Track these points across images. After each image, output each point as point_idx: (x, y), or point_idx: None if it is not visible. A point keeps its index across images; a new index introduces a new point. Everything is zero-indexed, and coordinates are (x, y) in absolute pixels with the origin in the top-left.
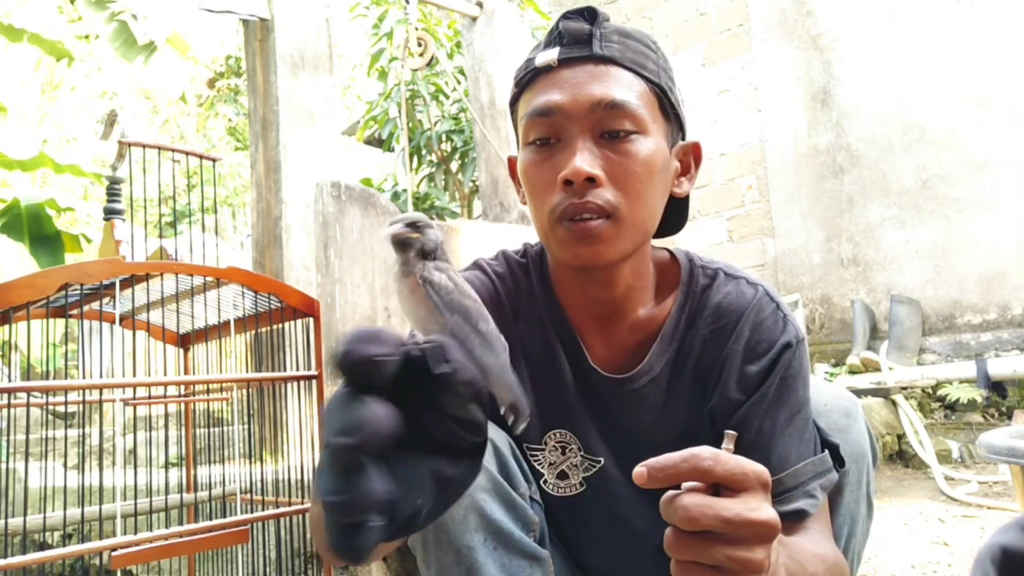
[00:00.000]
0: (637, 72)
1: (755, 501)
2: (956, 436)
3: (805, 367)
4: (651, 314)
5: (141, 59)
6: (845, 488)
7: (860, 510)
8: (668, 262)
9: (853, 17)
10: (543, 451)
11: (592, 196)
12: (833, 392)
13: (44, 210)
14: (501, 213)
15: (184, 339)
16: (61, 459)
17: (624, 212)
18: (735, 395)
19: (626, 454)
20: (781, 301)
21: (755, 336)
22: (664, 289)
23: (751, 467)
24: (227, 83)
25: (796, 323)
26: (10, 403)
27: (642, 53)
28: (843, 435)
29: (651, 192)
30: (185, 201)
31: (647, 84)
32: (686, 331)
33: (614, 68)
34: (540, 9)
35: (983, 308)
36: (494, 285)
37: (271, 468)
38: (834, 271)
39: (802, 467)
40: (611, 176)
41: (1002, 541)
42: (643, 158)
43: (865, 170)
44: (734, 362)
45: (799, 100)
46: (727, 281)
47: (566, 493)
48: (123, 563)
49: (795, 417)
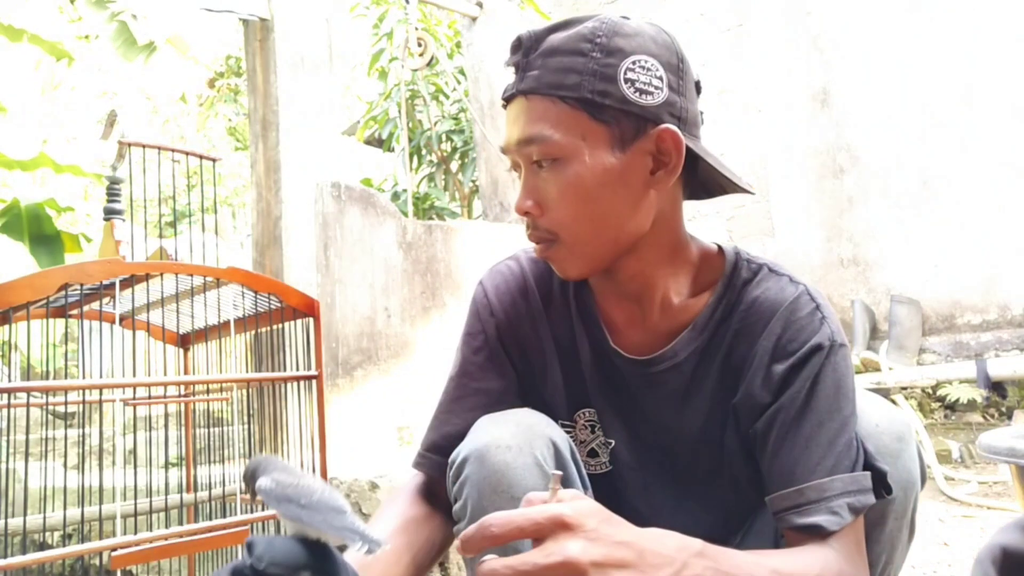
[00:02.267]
0: (552, 95)
1: (552, 546)
2: (956, 436)
3: (842, 375)
4: (687, 303)
5: (141, 59)
6: (889, 516)
7: (902, 537)
8: (714, 255)
9: (853, 17)
10: (574, 428)
11: (535, 226)
12: (887, 414)
13: (44, 210)
14: (501, 213)
15: (184, 339)
16: (61, 459)
17: (564, 235)
18: (760, 394)
19: (641, 438)
20: (824, 303)
21: (787, 334)
22: (705, 280)
23: (542, 515)
24: (227, 83)
25: (837, 327)
26: (10, 403)
27: (564, 68)
28: (893, 460)
29: (592, 208)
30: (185, 201)
31: (564, 104)
32: (720, 323)
33: (532, 100)
34: (540, 9)
35: (983, 308)
36: (523, 273)
37: None
38: (834, 271)
39: (828, 481)
40: (545, 204)
41: (1002, 541)
42: (567, 182)
43: (865, 170)
44: (762, 359)
45: (799, 100)
46: (769, 276)
47: (596, 471)
48: (123, 563)
49: (824, 426)
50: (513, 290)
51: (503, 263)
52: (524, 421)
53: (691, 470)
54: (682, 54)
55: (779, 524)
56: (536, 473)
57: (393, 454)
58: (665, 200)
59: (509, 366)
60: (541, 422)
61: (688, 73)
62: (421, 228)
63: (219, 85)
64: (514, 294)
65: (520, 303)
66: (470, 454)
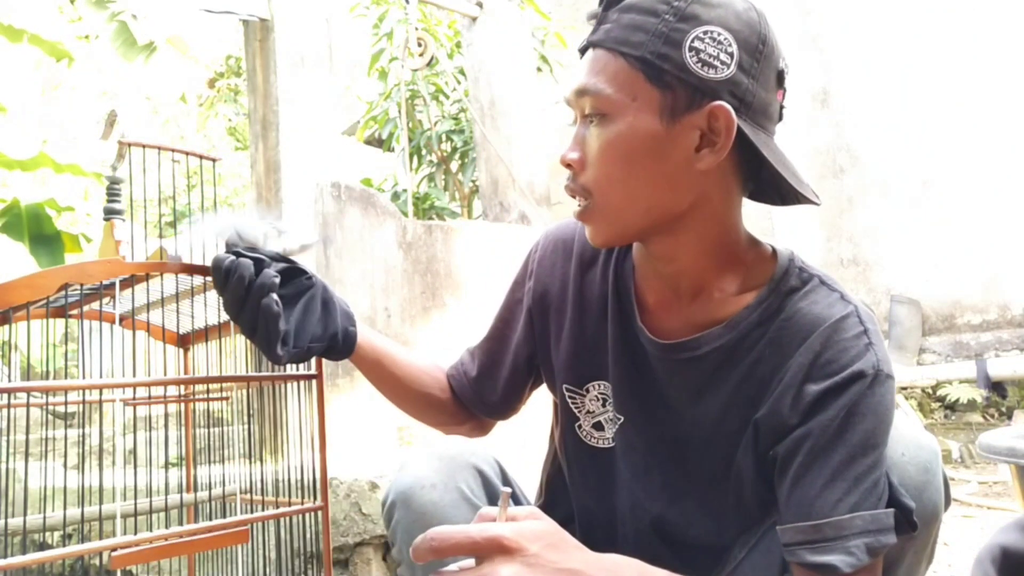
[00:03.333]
0: (616, 50)
1: (487, 568)
2: (956, 436)
3: (885, 409)
4: (727, 300)
5: (141, 59)
6: (909, 551)
7: (920, 570)
8: (767, 256)
9: (853, 17)
10: (584, 397)
11: (573, 180)
12: (914, 441)
13: (44, 210)
14: (501, 213)
15: (184, 339)
16: (61, 459)
17: (597, 194)
18: (787, 414)
19: (653, 423)
20: (873, 329)
21: (826, 353)
22: (753, 282)
23: (481, 535)
24: (227, 83)
25: (884, 356)
26: (10, 403)
27: (634, 26)
28: (919, 493)
29: (627, 172)
30: (185, 201)
31: (624, 61)
32: (755, 327)
33: (597, 52)
34: (540, 9)
35: (983, 308)
36: (575, 233)
37: (271, 468)
38: (834, 271)
39: (848, 519)
40: (586, 159)
41: (1002, 541)
42: (608, 140)
43: (865, 170)
44: (796, 376)
45: (799, 100)
46: (819, 289)
47: (598, 444)
48: (123, 563)
49: (856, 461)
50: (559, 249)
51: (568, 219)
52: (447, 454)
53: (698, 469)
54: (767, 37)
55: (788, 557)
56: (464, 507)
57: (393, 454)
58: (712, 185)
59: (529, 323)
60: (464, 451)
61: (769, 59)
62: (421, 228)
63: (219, 85)
64: (558, 253)
65: (560, 264)
66: (396, 498)
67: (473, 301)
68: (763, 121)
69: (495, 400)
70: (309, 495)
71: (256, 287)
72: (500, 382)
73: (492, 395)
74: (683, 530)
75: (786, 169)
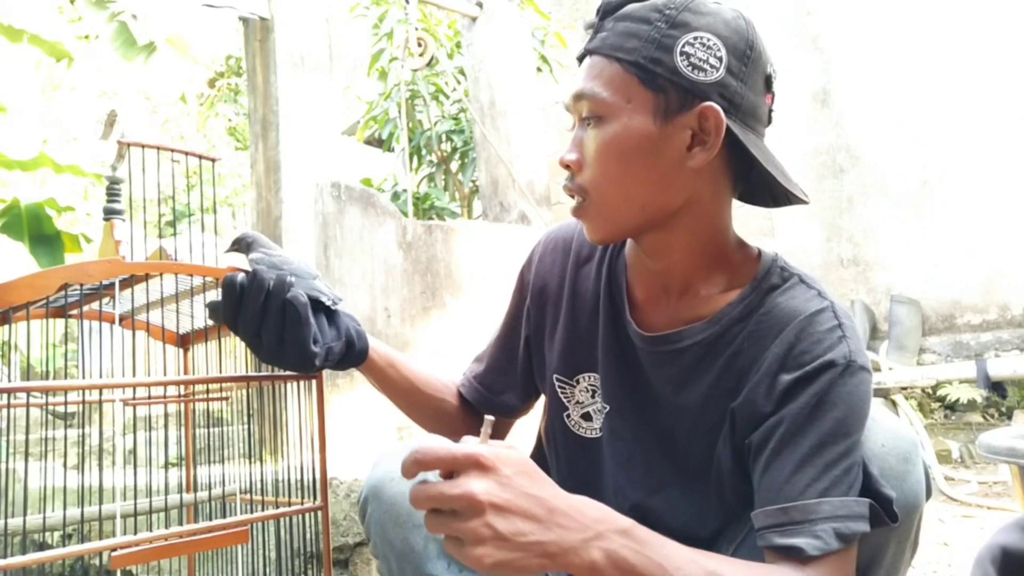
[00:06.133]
0: (611, 55)
1: (462, 480)
2: (956, 436)
3: (857, 399)
4: (712, 297)
5: (141, 59)
6: (892, 541)
7: (904, 558)
8: (752, 257)
9: (853, 17)
10: (574, 388)
11: (570, 180)
12: (893, 432)
13: (44, 210)
14: (501, 213)
15: (184, 339)
16: (61, 459)
17: (593, 193)
18: (761, 403)
19: (639, 413)
20: (849, 324)
21: (800, 344)
22: (738, 280)
23: (460, 451)
24: (227, 83)
25: (858, 348)
26: (10, 403)
27: (628, 33)
28: (899, 483)
29: (623, 171)
30: (185, 201)
31: (619, 65)
32: (736, 322)
33: (594, 59)
34: (540, 9)
35: (983, 308)
36: (574, 231)
37: (271, 468)
38: (834, 271)
39: (815, 503)
40: (584, 160)
41: (1002, 541)
42: (604, 141)
43: (865, 170)
44: (771, 367)
45: (799, 100)
46: (797, 286)
47: (586, 434)
48: (123, 563)
49: (826, 448)
50: (559, 247)
51: (569, 220)
52: None
53: (681, 460)
54: (755, 43)
55: (759, 542)
56: None
57: None
58: (704, 185)
59: (525, 320)
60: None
61: (756, 63)
62: (421, 228)
63: (219, 85)
64: (557, 251)
65: (558, 261)
66: (368, 493)
67: (473, 301)
68: (752, 122)
69: (507, 398)
70: (309, 495)
71: (276, 285)
72: (512, 378)
73: (504, 393)
74: (664, 520)
75: (774, 167)
